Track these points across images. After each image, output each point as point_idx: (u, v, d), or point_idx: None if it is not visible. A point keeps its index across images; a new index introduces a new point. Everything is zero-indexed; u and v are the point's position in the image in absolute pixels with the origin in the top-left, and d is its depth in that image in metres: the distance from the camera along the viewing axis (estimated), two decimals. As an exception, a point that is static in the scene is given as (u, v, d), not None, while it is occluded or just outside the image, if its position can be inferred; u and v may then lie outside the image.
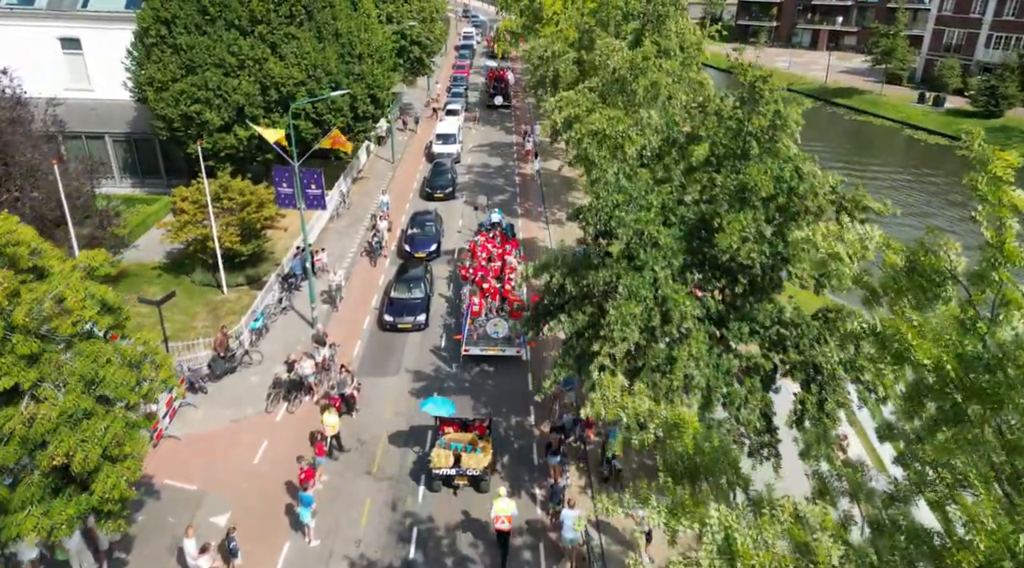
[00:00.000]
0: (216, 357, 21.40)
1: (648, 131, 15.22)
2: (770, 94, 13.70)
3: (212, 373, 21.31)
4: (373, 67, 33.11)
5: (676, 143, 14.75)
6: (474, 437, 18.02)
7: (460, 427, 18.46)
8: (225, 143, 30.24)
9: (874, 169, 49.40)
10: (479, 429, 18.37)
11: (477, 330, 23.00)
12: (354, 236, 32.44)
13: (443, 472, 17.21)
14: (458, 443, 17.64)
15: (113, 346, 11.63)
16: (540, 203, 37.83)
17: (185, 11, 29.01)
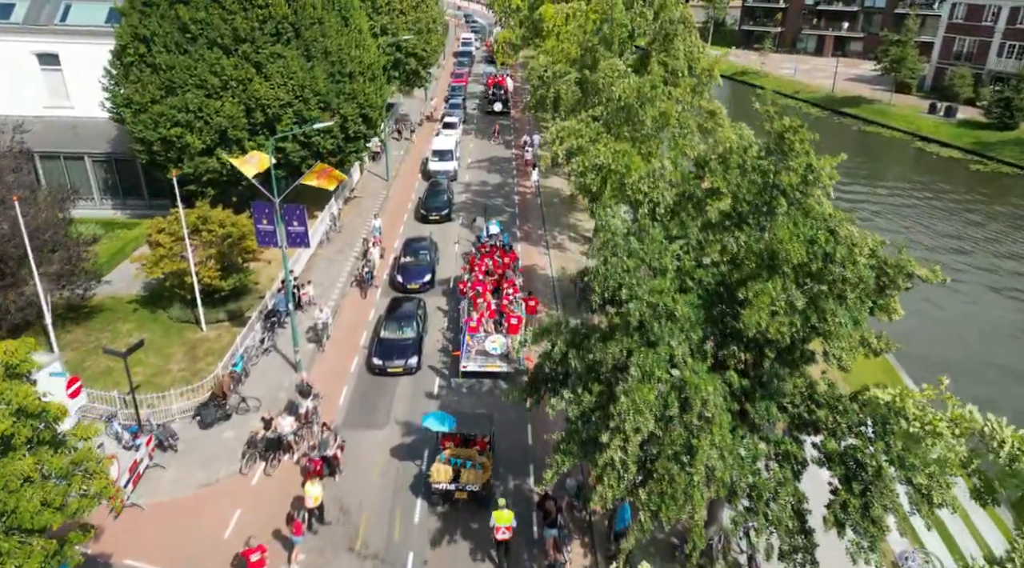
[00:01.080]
0: (210, 403, 19.94)
1: (661, 184, 13.56)
2: (801, 145, 12.01)
3: (202, 421, 19.81)
4: (365, 85, 31.48)
5: (693, 197, 13.09)
6: (474, 452, 17.98)
7: (461, 442, 18.48)
8: (207, 167, 28.61)
9: (888, 185, 47.71)
10: (480, 445, 18.39)
11: (475, 346, 22.90)
12: (344, 264, 30.79)
13: (442, 487, 17.20)
14: (458, 458, 17.62)
15: (35, 458, 9.85)
16: (540, 225, 36.17)
17: (164, 28, 27.38)
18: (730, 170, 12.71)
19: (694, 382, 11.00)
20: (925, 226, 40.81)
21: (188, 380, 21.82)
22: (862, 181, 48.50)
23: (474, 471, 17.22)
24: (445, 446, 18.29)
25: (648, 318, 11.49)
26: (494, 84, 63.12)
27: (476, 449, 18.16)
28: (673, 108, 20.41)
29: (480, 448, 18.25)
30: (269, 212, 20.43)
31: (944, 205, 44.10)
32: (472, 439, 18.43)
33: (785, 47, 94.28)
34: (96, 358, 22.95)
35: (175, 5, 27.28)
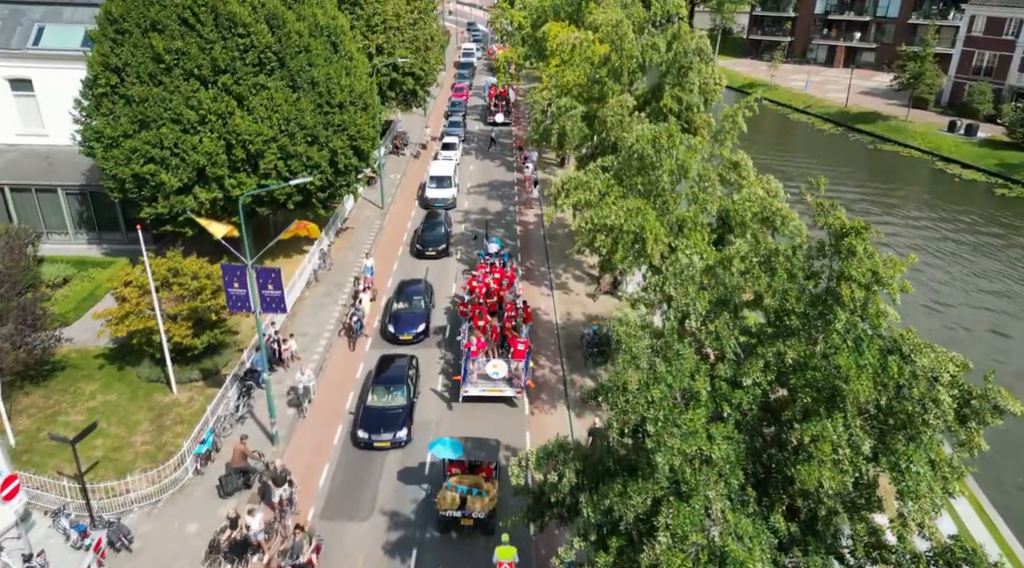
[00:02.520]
0: (230, 473, 18.44)
1: (691, 287, 11.34)
2: (865, 250, 9.76)
3: (222, 489, 18.37)
4: (356, 115, 29.32)
5: (730, 304, 10.86)
6: (480, 479, 18.15)
7: (467, 469, 18.59)
8: (185, 206, 26.45)
9: (913, 213, 45.24)
10: (486, 471, 18.49)
11: (476, 370, 22.77)
12: (332, 308, 28.60)
13: (449, 514, 17.35)
14: (464, 486, 17.79)
15: None
16: (544, 260, 33.96)
17: (137, 58, 25.26)
18: (776, 276, 10.44)
19: (736, 555, 8.77)
20: (951, 260, 38.47)
21: (152, 456, 19.66)
22: (881, 205, 46.17)
23: (481, 498, 17.52)
24: (452, 472, 18.49)
25: (680, 465, 9.27)
26: (497, 95, 61.90)
27: (482, 475, 18.35)
28: (693, 159, 18.20)
29: (486, 474, 18.43)
30: (241, 275, 18.27)
31: (975, 238, 41.64)
32: (478, 465, 18.54)
33: (795, 57, 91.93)
34: (54, 426, 20.82)
35: (148, 33, 25.19)
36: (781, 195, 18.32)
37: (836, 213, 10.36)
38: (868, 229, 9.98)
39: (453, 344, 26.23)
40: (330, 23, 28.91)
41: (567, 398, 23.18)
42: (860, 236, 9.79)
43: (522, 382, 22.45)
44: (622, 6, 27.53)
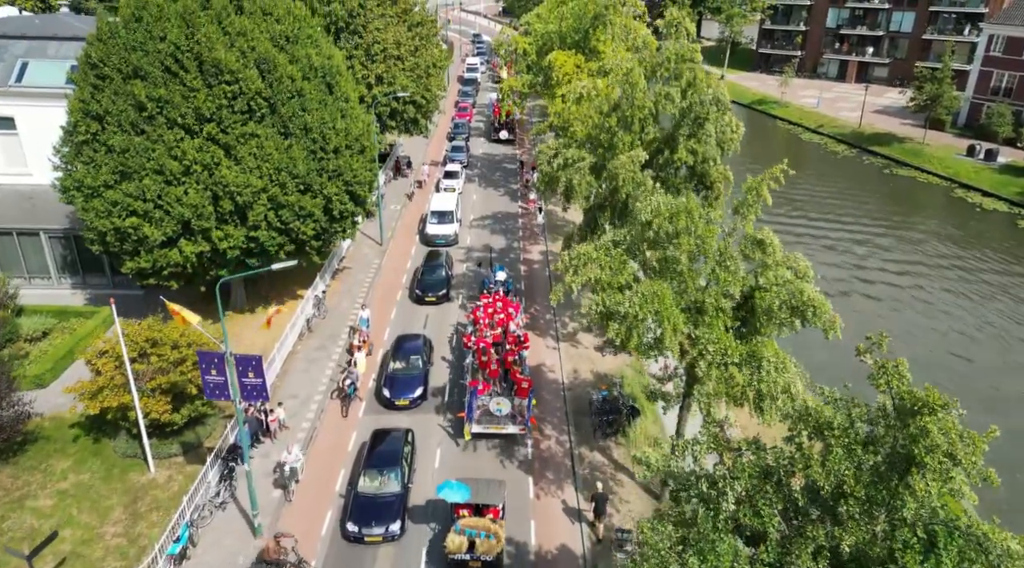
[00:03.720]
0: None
1: (726, 455, 9.70)
2: (940, 430, 8.10)
3: None
4: (352, 160, 27.78)
5: (772, 475, 9.23)
6: (488, 521, 18.22)
7: (474, 511, 18.66)
8: (169, 260, 24.96)
9: (936, 250, 43.27)
10: (493, 513, 18.54)
11: (480, 408, 22.86)
12: (325, 365, 27.04)
13: (457, 557, 17.52)
14: (472, 529, 17.87)
15: None
16: (549, 307, 32.33)
17: (118, 106, 23.79)
18: (831, 455, 8.78)
19: None
20: (982, 303, 36.68)
21: (124, 552, 18.13)
22: (902, 240, 44.35)
23: (488, 541, 17.65)
24: (459, 514, 18.56)
25: None
26: (500, 112, 60.85)
27: (490, 517, 18.42)
28: (713, 235, 16.58)
29: (494, 516, 18.50)
30: (219, 362, 16.72)
31: (1005, 279, 39.79)
32: (486, 508, 18.59)
33: (805, 72, 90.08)
34: (20, 513, 19.32)
35: (130, 80, 23.72)
36: (810, 275, 16.67)
37: (903, 381, 8.67)
38: (947, 407, 8.32)
39: (454, 407, 24.66)
40: (325, 63, 27.41)
41: (575, 477, 21.53)
42: (936, 415, 8.14)
43: (525, 419, 22.61)
44: (634, 50, 25.88)
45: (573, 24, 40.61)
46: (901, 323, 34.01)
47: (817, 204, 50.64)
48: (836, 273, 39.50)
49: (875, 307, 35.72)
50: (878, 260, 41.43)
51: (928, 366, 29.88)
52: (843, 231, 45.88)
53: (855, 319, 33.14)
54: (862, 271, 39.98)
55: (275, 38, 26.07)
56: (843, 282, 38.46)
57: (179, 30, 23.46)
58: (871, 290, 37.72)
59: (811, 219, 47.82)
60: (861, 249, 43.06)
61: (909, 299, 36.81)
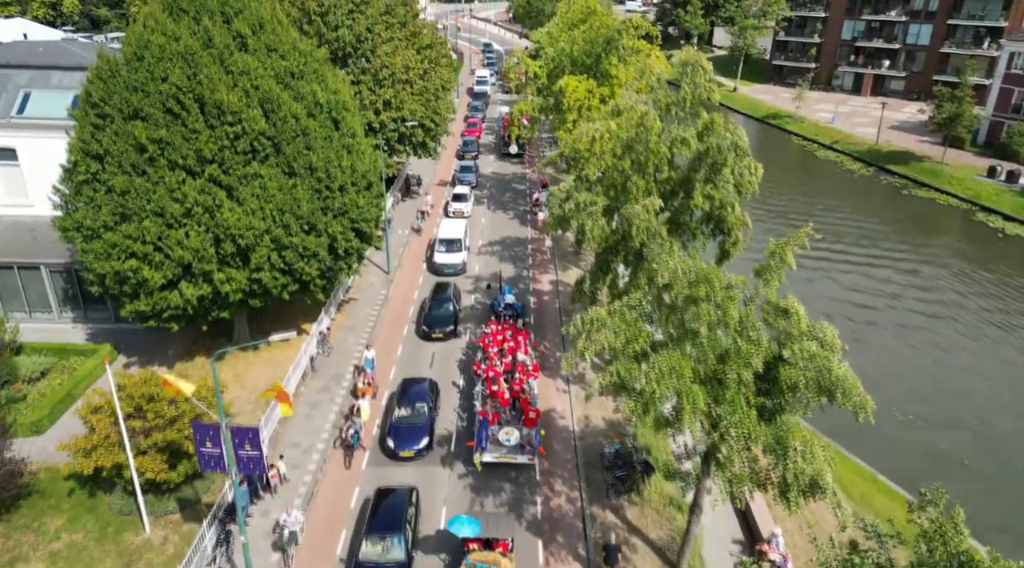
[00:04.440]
0: None
1: None
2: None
3: None
4: (358, 197, 27.07)
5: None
6: (498, 555, 18.40)
7: (484, 545, 18.85)
8: (170, 303, 24.32)
9: (958, 277, 42.06)
10: (502, 546, 18.80)
11: (489, 437, 23.15)
12: (328, 409, 26.30)
13: None
14: (483, 564, 18.07)
15: None
16: (560, 344, 31.47)
17: (119, 146, 23.18)
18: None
19: None
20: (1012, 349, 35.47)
21: (116, 625, 17.43)
22: (923, 267, 43.12)
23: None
24: (469, 548, 18.77)
25: None
26: (509, 125, 60.24)
27: (500, 551, 18.62)
28: (734, 304, 15.67)
29: (503, 550, 18.70)
30: (215, 434, 15.99)
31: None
32: (495, 541, 18.76)
33: (820, 84, 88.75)
34: (11, 576, 18.68)
35: (131, 121, 23.10)
36: (837, 346, 15.72)
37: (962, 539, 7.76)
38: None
39: (460, 457, 23.86)
40: (330, 99, 26.72)
41: (587, 541, 20.65)
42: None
43: (534, 449, 22.87)
44: (648, 89, 25.01)
45: (585, 47, 39.83)
46: (920, 364, 32.88)
47: (834, 227, 49.44)
48: (855, 298, 38.43)
49: (893, 341, 34.57)
50: (896, 287, 40.25)
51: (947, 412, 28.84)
52: (861, 255, 44.73)
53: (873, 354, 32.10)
54: (879, 298, 38.84)
55: (279, 75, 25.41)
56: (865, 310, 37.35)
57: (181, 71, 22.83)
58: (887, 318, 36.59)
59: (828, 242, 46.62)
60: (880, 275, 41.91)
61: (929, 333, 35.64)
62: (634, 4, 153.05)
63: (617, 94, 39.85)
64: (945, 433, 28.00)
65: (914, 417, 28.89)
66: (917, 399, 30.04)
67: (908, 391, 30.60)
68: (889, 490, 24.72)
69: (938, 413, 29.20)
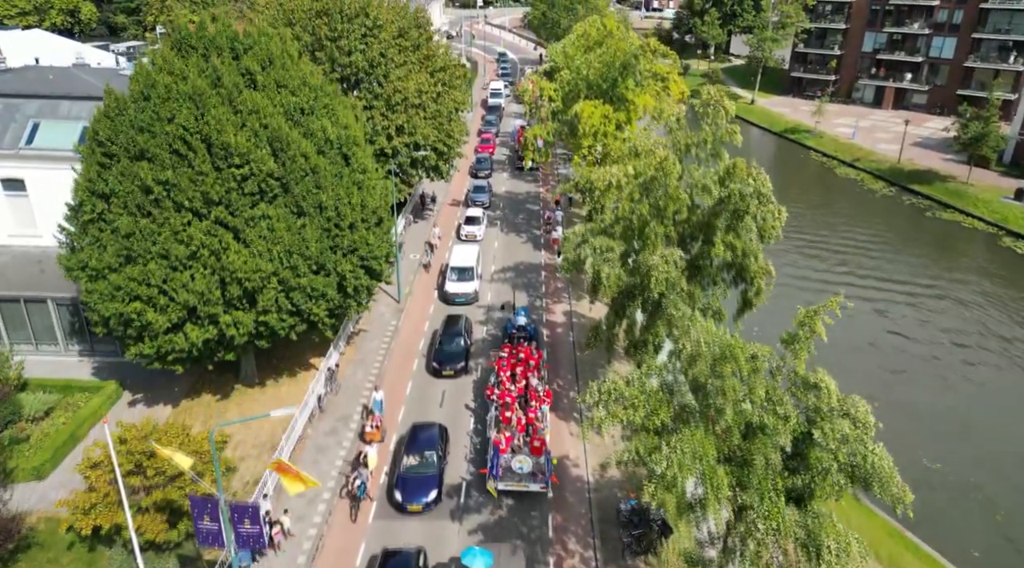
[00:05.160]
0: None
1: None
2: None
3: None
4: (368, 234, 26.40)
5: None
6: None
7: None
8: (175, 345, 23.77)
9: (988, 306, 40.74)
10: None
11: (502, 466, 23.39)
12: (335, 453, 25.63)
13: None
14: None
15: None
16: (573, 380, 30.62)
17: (125, 186, 22.67)
18: None
19: None
20: None
21: None
22: (950, 296, 41.81)
23: None
24: None
25: None
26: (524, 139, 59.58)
27: None
28: (760, 380, 14.78)
29: None
30: (212, 509, 15.37)
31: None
32: None
33: (840, 97, 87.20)
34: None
35: (137, 162, 22.58)
36: (871, 424, 14.79)
37: None
38: None
39: (470, 511, 23.09)
40: (341, 134, 26.09)
41: (599, 609, 19.82)
42: None
43: (546, 477, 23.10)
44: (668, 131, 24.15)
45: (601, 71, 38.98)
46: (949, 402, 31.67)
47: (855, 251, 48.23)
48: (882, 329, 37.22)
49: (921, 375, 33.36)
50: (922, 317, 38.99)
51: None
52: (886, 280, 43.46)
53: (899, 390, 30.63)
54: (906, 328, 37.61)
55: (289, 111, 24.82)
56: (892, 340, 36.14)
57: (188, 111, 22.27)
58: (914, 350, 35.36)
59: (849, 267, 45.44)
60: (905, 302, 40.67)
61: (958, 369, 34.38)
62: (665, 11, 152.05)
63: (633, 120, 39.10)
64: (975, 482, 26.85)
65: (941, 466, 27.74)
66: (946, 443, 28.88)
67: (936, 434, 29.46)
68: (918, 550, 23.64)
69: (967, 459, 28.02)
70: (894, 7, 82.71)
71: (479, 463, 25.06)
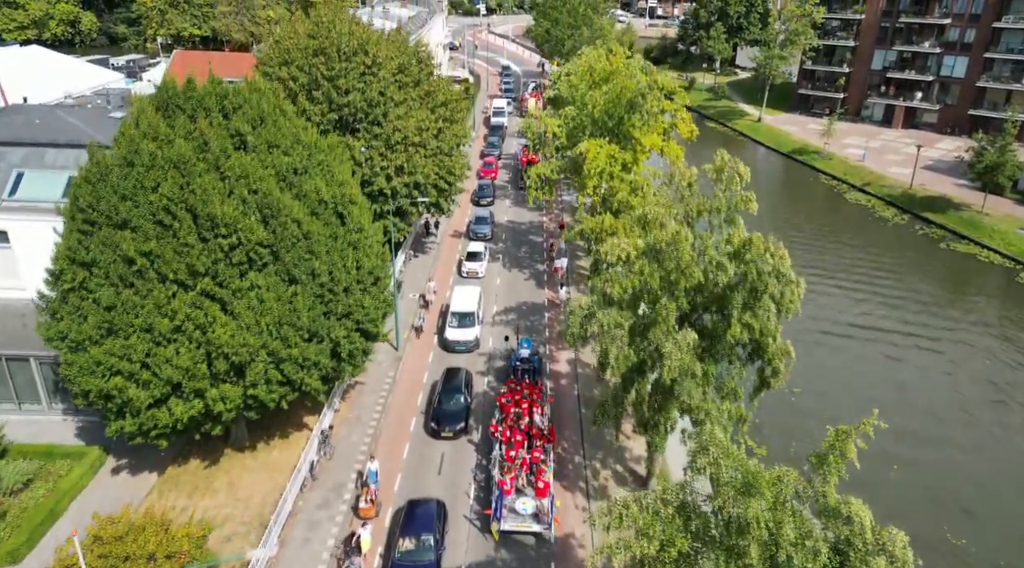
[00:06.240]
0: None
1: None
2: None
3: None
4: (363, 297, 25.19)
5: None
6: None
7: None
8: (158, 421, 22.56)
9: (1010, 352, 39.33)
10: None
11: (506, 506, 23.67)
12: (328, 531, 24.35)
13: None
14: None
15: None
16: (578, 444, 29.30)
17: (106, 256, 21.48)
18: None
19: None
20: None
21: None
22: (967, 338, 40.36)
23: None
24: None
25: None
26: (528, 162, 58.50)
27: None
28: (788, 518, 13.48)
29: None
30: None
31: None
32: None
33: (848, 115, 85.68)
34: None
35: (119, 231, 21.39)
36: (909, 561, 13.51)
37: None
38: None
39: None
40: (336, 193, 24.87)
41: None
42: None
43: (549, 519, 23.41)
44: (679, 198, 22.87)
45: (607, 108, 37.71)
46: (974, 469, 30.25)
47: (872, 288, 46.73)
48: (898, 376, 35.80)
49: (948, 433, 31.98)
50: (943, 365, 37.60)
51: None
52: (899, 321, 42.04)
53: (921, 452, 29.01)
54: (927, 377, 36.23)
55: (281, 172, 23.61)
56: (909, 391, 34.74)
57: (173, 180, 21.07)
58: (933, 402, 33.99)
59: (866, 309, 43.96)
60: (921, 354, 39.19)
61: (982, 428, 32.99)
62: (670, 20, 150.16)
63: (640, 161, 37.81)
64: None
65: (966, 541, 26.37)
66: (973, 517, 27.45)
67: (963, 508, 27.98)
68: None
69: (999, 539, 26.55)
70: (904, 25, 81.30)
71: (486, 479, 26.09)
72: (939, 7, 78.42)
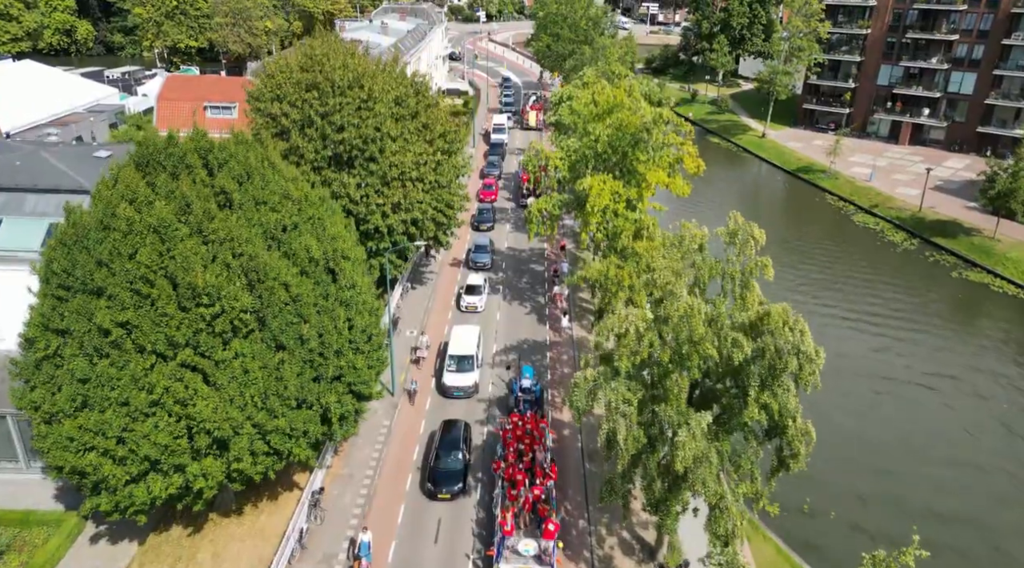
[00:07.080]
0: None
1: None
2: None
3: None
4: (356, 358, 23.86)
5: None
6: None
7: None
8: (135, 499, 21.19)
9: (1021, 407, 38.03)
10: None
11: (508, 547, 23.18)
12: (318, 609, 23.03)
13: None
14: None
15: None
16: (582, 505, 27.93)
17: (81, 326, 20.14)
18: None
19: None
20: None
21: None
22: (986, 385, 39.00)
23: None
24: None
25: None
26: (529, 181, 58.19)
27: None
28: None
29: None
30: None
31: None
32: None
33: (854, 131, 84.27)
34: None
35: (95, 299, 20.04)
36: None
37: None
38: None
39: None
40: (327, 249, 23.54)
41: None
42: None
43: (551, 561, 22.82)
44: (691, 263, 21.55)
45: (611, 141, 36.37)
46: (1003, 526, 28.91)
47: (884, 321, 45.29)
48: (920, 423, 34.41)
49: (973, 485, 30.63)
50: (966, 409, 36.26)
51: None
52: (918, 360, 40.68)
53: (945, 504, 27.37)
54: (947, 421, 34.89)
55: (269, 231, 22.28)
56: (935, 440, 33.37)
57: (151, 247, 19.71)
58: (960, 456, 32.61)
59: (876, 348, 42.53)
60: (933, 398, 37.82)
61: (1007, 480, 31.63)
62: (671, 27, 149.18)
63: (645, 197, 36.47)
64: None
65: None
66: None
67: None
68: None
69: None
70: (911, 40, 80.00)
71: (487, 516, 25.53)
72: (947, 23, 77.12)
